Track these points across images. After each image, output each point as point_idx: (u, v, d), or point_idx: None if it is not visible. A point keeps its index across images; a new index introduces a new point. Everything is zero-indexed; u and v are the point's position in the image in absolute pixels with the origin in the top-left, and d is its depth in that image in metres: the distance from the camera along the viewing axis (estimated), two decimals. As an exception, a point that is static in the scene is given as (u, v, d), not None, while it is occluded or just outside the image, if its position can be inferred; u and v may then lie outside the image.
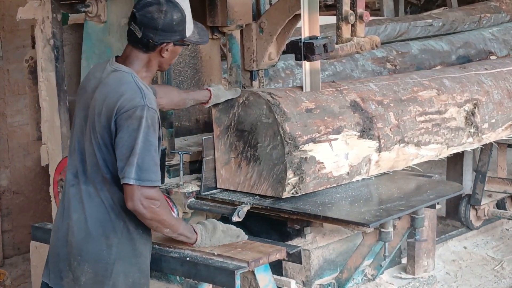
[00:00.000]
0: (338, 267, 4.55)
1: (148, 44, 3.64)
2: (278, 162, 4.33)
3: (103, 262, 3.57)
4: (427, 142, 5.03)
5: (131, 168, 3.46)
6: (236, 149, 4.51)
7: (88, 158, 3.59)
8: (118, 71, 3.62)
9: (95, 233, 3.56)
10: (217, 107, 4.57)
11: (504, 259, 6.49)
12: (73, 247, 3.57)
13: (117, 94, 3.51)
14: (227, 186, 4.59)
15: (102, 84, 3.59)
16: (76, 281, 3.59)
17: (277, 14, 5.08)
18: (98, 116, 3.53)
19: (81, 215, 3.58)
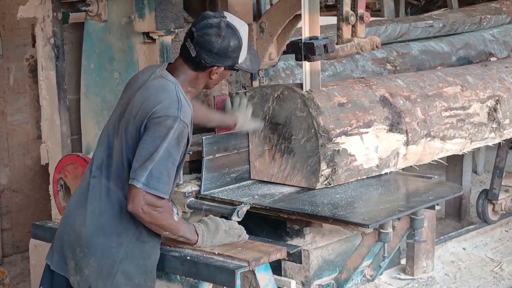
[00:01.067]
0: (337, 267, 4.55)
1: (200, 64, 3.67)
2: (312, 154, 4.50)
3: (110, 259, 3.59)
4: (452, 137, 5.22)
5: (143, 172, 3.48)
6: (270, 142, 4.68)
7: (115, 154, 3.61)
8: (163, 78, 3.65)
9: (107, 228, 3.58)
10: (252, 101, 4.71)
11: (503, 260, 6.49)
12: (82, 238, 3.58)
13: (156, 101, 3.55)
14: (261, 177, 4.77)
15: (145, 87, 3.62)
16: (79, 271, 3.60)
17: (278, 14, 5.09)
18: (134, 118, 3.56)
19: (96, 207, 3.60)
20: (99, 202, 3.60)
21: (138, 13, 4.80)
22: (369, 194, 4.56)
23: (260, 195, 4.58)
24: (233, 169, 4.76)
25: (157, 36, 4.81)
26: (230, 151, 4.74)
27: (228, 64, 3.71)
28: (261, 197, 4.53)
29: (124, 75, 5.02)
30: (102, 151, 3.67)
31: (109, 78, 5.08)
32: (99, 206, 3.60)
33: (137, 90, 3.66)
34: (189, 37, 3.70)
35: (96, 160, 3.69)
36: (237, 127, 4.50)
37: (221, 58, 3.67)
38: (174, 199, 4.58)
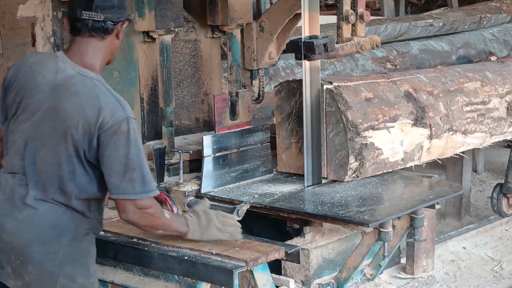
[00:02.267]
0: (337, 266, 4.55)
1: (108, 28, 3.53)
2: (341, 148, 4.64)
3: (50, 265, 3.48)
4: (473, 131, 5.37)
5: (132, 184, 3.44)
6: (297, 135, 4.78)
7: (44, 165, 3.46)
8: (84, 76, 3.49)
9: (43, 236, 3.46)
10: (279, 95, 4.83)
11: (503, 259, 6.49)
12: (15, 248, 3.46)
13: (96, 108, 3.41)
14: (288, 170, 4.91)
15: (66, 91, 3.44)
16: (18, 276, 3.49)
17: (278, 13, 5.09)
18: (75, 129, 3.41)
19: (27, 217, 3.46)
20: (30, 211, 3.47)
21: (138, 12, 4.79)
22: (369, 193, 4.56)
23: (260, 194, 4.58)
24: (233, 168, 4.76)
25: (157, 35, 4.81)
26: (230, 150, 4.74)
27: (127, 14, 3.63)
28: (261, 196, 4.53)
29: (124, 74, 5.02)
30: (20, 158, 3.50)
31: (109, 77, 5.07)
32: (31, 215, 3.46)
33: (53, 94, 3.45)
34: (83, 8, 3.50)
35: (15, 166, 3.52)
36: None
37: (122, 10, 3.59)
38: (174, 198, 4.58)
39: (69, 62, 3.52)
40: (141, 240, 3.98)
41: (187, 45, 5.22)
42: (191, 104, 5.27)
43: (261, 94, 5.40)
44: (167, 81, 4.83)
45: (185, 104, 5.23)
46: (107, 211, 4.39)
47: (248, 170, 4.83)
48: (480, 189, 8.45)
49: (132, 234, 4.04)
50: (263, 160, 4.91)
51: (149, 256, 3.87)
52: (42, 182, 3.49)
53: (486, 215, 7.58)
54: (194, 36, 5.25)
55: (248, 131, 4.84)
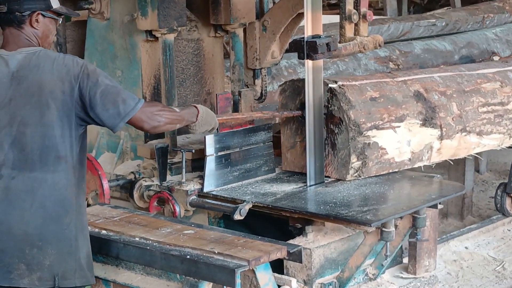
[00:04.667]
0: (339, 266, 4.54)
1: (17, 17, 3.67)
2: (343, 147, 4.64)
3: (67, 240, 3.60)
4: (489, 132, 5.33)
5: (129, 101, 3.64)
6: (302, 134, 4.77)
7: (30, 145, 3.57)
8: (33, 52, 3.65)
9: (54, 214, 3.57)
10: (284, 94, 4.84)
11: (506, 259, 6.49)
12: (29, 235, 3.55)
13: (61, 65, 3.60)
14: (292, 169, 4.93)
15: (26, 70, 3.60)
16: (36, 267, 3.56)
17: (280, 12, 5.09)
18: (55, 93, 3.56)
19: (33, 202, 3.56)
20: (33, 195, 3.57)
21: (141, 11, 4.80)
22: (372, 193, 4.56)
23: (262, 193, 4.58)
24: (235, 168, 4.76)
25: (160, 34, 4.81)
26: (233, 149, 4.74)
27: (41, 7, 3.71)
28: (263, 195, 4.53)
29: (127, 73, 5.03)
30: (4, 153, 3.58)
31: (112, 76, 5.07)
32: (35, 199, 3.57)
33: (14, 80, 3.60)
34: None
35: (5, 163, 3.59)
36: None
37: (31, 1, 3.68)
38: (176, 197, 4.58)
39: (11, 52, 3.68)
40: (143, 239, 3.98)
41: (190, 44, 5.23)
42: (194, 103, 5.26)
43: (263, 93, 5.40)
44: (169, 80, 4.83)
45: (187, 103, 5.22)
46: (109, 210, 4.40)
47: (250, 169, 4.83)
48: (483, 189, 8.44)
49: (134, 233, 4.04)
50: (266, 159, 4.91)
51: (151, 255, 3.87)
52: (36, 162, 3.57)
53: (489, 215, 7.57)
54: (196, 35, 5.25)
55: (250, 130, 4.84)
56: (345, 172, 4.69)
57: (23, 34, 3.69)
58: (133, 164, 5.01)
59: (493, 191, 7.39)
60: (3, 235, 3.57)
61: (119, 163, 5.09)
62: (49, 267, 3.58)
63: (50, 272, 3.59)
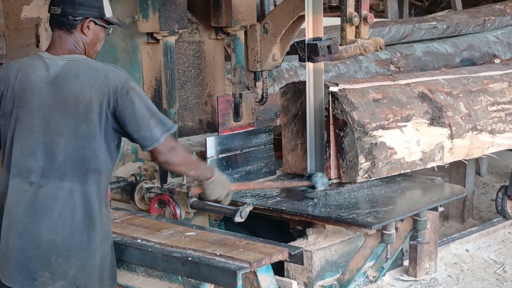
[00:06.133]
0: (340, 268, 4.55)
1: (70, 21, 3.64)
2: (350, 149, 4.64)
3: (92, 251, 3.60)
4: (501, 131, 5.31)
5: (156, 128, 3.59)
6: (303, 136, 4.78)
7: (63, 155, 3.55)
8: (76, 60, 3.62)
9: (81, 226, 3.56)
10: (285, 96, 4.86)
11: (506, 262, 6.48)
12: (56, 245, 3.55)
13: (102, 78, 3.55)
14: (293, 171, 4.94)
15: (65, 77, 3.56)
16: (60, 276, 3.57)
17: (281, 15, 5.09)
18: (88, 105, 3.52)
19: (62, 212, 3.55)
20: (62, 205, 3.56)
21: (142, 14, 4.80)
22: (372, 195, 4.56)
23: (263, 195, 4.58)
24: (236, 170, 4.76)
25: (161, 37, 4.82)
26: (234, 152, 4.75)
27: (95, 14, 3.68)
28: (264, 197, 4.53)
29: (128, 76, 5.03)
30: (36, 159, 3.57)
31: (113, 78, 5.09)
32: (64, 209, 3.55)
33: (51, 87, 3.57)
34: (51, 4, 3.68)
35: (35, 170, 3.58)
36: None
37: (86, 7, 3.66)
38: (177, 199, 4.59)
39: (54, 56, 3.64)
40: (145, 241, 3.98)
41: (191, 46, 5.23)
42: (195, 105, 5.27)
43: (264, 95, 5.40)
44: (170, 82, 4.83)
45: (188, 105, 5.23)
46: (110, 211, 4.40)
47: (251, 172, 4.83)
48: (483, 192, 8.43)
49: (135, 235, 4.05)
50: (266, 161, 4.91)
51: (153, 257, 3.87)
52: (67, 173, 3.56)
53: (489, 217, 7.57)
54: (198, 38, 5.25)
55: (251, 133, 4.85)
56: (354, 174, 4.67)
57: (71, 39, 3.66)
58: (134, 166, 5.02)
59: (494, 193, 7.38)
60: (30, 242, 3.58)
61: (120, 165, 5.09)
62: (73, 277, 3.59)
63: (73, 282, 3.59)
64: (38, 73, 3.60)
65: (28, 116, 3.59)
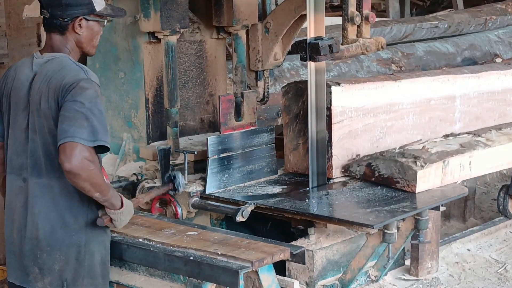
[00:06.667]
0: (341, 268, 4.55)
1: (61, 24, 3.67)
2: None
3: (75, 246, 3.62)
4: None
5: (82, 130, 3.44)
6: (305, 136, 4.77)
7: (38, 151, 3.59)
8: (53, 59, 3.65)
9: (62, 221, 3.59)
10: (287, 96, 4.87)
11: (508, 261, 6.48)
12: (39, 240, 3.59)
13: (60, 76, 3.56)
14: (295, 170, 4.94)
15: (39, 75, 3.61)
16: (47, 272, 3.61)
17: (283, 14, 5.09)
18: (47, 102, 3.55)
19: (42, 208, 3.59)
20: (43, 201, 3.60)
21: (144, 13, 4.80)
22: (374, 195, 4.56)
23: (264, 195, 4.58)
24: (237, 169, 4.76)
25: (163, 36, 4.81)
26: (235, 151, 4.75)
27: (84, 12, 3.69)
28: (265, 197, 4.53)
29: (129, 75, 5.03)
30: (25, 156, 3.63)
31: (114, 78, 5.09)
32: (45, 204, 3.60)
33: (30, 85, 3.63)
34: (41, 7, 3.72)
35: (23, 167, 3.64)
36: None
37: (73, 7, 3.67)
38: (178, 198, 4.58)
39: (44, 55, 3.70)
40: (147, 240, 3.98)
41: (193, 46, 5.23)
42: (196, 105, 5.27)
43: (266, 95, 5.40)
44: (172, 81, 4.83)
45: (190, 105, 5.23)
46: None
47: (252, 171, 4.83)
48: (485, 191, 8.44)
49: (137, 234, 4.05)
50: (268, 161, 4.91)
51: (154, 257, 3.87)
52: (42, 169, 3.60)
53: (491, 217, 7.57)
54: (199, 37, 5.25)
55: (253, 132, 4.85)
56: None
57: (62, 39, 3.69)
58: (135, 166, 5.02)
59: (495, 193, 7.38)
60: (23, 238, 3.64)
61: (121, 165, 5.10)
62: (59, 272, 3.63)
63: (59, 278, 3.64)
64: (25, 72, 3.68)
65: (17, 115, 3.67)
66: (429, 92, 5.31)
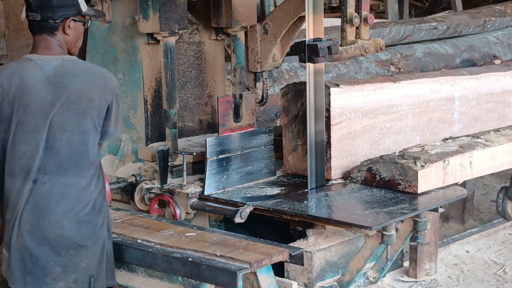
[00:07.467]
0: (340, 269, 4.55)
1: (51, 25, 3.70)
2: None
3: (100, 240, 3.69)
4: None
5: (116, 128, 3.79)
6: (304, 137, 4.76)
7: (66, 150, 3.63)
8: (68, 61, 3.70)
9: (87, 218, 3.64)
10: (286, 97, 4.87)
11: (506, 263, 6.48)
12: (64, 238, 3.61)
13: (101, 77, 3.73)
14: (293, 172, 4.95)
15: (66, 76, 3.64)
16: (72, 269, 3.62)
17: (282, 15, 5.09)
18: (91, 101, 3.65)
19: (67, 206, 3.62)
20: (66, 199, 3.63)
21: (142, 14, 4.80)
22: (372, 196, 4.56)
23: (263, 196, 4.58)
24: (236, 170, 4.76)
25: (161, 37, 4.81)
26: (233, 152, 4.74)
27: (73, 13, 3.74)
28: (264, 198, 4.53)
29: (128, 76, 5.03)
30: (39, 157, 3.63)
31: (113, 78, 5.08)
32: (69, 203, 3.63)
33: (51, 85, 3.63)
34: (28, 10, 3.73)
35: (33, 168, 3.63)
36: None
37: (64, 8, 3.71)
38: (177, 200, 4.58)
39: (46, 57, 3.70)
40: (145, 241, 3.98)
41: (191, 47, 5.23)
42: (195, 106, 5.27)
43: (264, 96, 5.40)
44: (171, 83, 4.83)
45: (188, 106, 5.23)
46: (110, 212, 4.40)
47: (251, 172, 4.83)
48: (484, 193, 8.43)
49: (136, 235, 4.05)
50: (267, 162, 4.91)
51: (153, 257, 3.87)
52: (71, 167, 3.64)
53: (490, 218, 7.56)
54: (198, 38, 5.25)
55: (251, 133, 4.85)
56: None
57: (55, 41, 3.71)
58: (134, 167, 5.02)
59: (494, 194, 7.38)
60: (39, 240, 3.62)
61: (120, 166, 5.10)
62: (85, 269, 3.65)
63: (85, 274, 3.66)
64: (34, 75, 3.66)
65: (29, 117, 3.64)
66: (428, 93, 5.31)
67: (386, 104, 5.05)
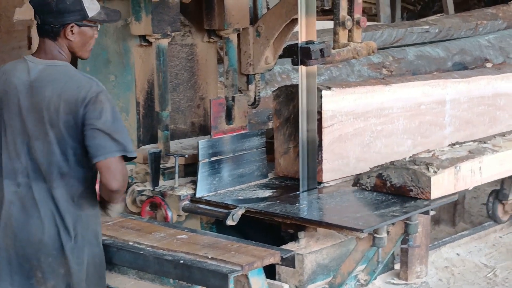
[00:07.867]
0: (331, 272, 4.55)
1: (52, 30, 3.65)
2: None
3: (79, 249, 3.64)
4: None
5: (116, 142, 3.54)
6: (295, 140, 4.77)
7: (39, 158, 3.59)
8: (54, 67, 3.63)
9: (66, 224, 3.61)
10: (278, 100, 4.88)
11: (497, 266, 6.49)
12: (45, 245, 3.59)
13: (73, 89, 3.55)
14: (285, 174, 4.96)
15: (42, 82, 3.58)
16: (50, 276, 3.61)
17: (274, 18, 5.10)
18: (56, 112, 3.54)
19: (47, 211, 3.60)
20: (47, 205, 3.61)
21: (135, 16, 4.80)
22: (364, 199, 4.57)
23: (255, 199, 4.58)
24: (228, 173, 4.76)
25: (154, 39, 4.81)
26: (226, 155, 4.75)
27: (77, 18, 3.66)
28: (256, 201, 4.53)
29: (120, 78, 5.02)
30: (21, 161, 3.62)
31: (105, 81, 5.06)
32: (49, 208, 3.61)
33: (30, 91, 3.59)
34: (35, 13, 3.70)
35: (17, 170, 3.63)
36: None
37: (65, 14, 3.64)
38: (169, 202, 4.58)
39: (38, 60, 3.67)
40: (137, 243, 3.98)
41: (184, 49, 5.23)
42: (187, 108, 5.27)
43: (257, 99, 5.40)
44: (163, 85, 4.83)
45: (181, 108, 5.23)
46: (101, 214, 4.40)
47: (243, 175, 4.84)
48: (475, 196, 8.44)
49: (127, 237, 4.04)
50: (259, 165, 4.92)
51: (144, 260, 3.87)
52: (45, 175, 3.60)
53: (481, 221, 7.58)
54: (190, 41, 5.25)
55: (243, 136, 4.85)
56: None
57: (56, 45, 3.66)
58: (126, 169, 5.01)
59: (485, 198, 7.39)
60: (24, 242, 3.63)
61: (112, 168, 5.08)
62: (64, 276, 3.62)
63: (64, 281, 3.63)
64: (20, 76, 3.64)
65: (11, 119, 3.65)
66: (420, 96, 5.32)
67: (377, 107, 5.06)
